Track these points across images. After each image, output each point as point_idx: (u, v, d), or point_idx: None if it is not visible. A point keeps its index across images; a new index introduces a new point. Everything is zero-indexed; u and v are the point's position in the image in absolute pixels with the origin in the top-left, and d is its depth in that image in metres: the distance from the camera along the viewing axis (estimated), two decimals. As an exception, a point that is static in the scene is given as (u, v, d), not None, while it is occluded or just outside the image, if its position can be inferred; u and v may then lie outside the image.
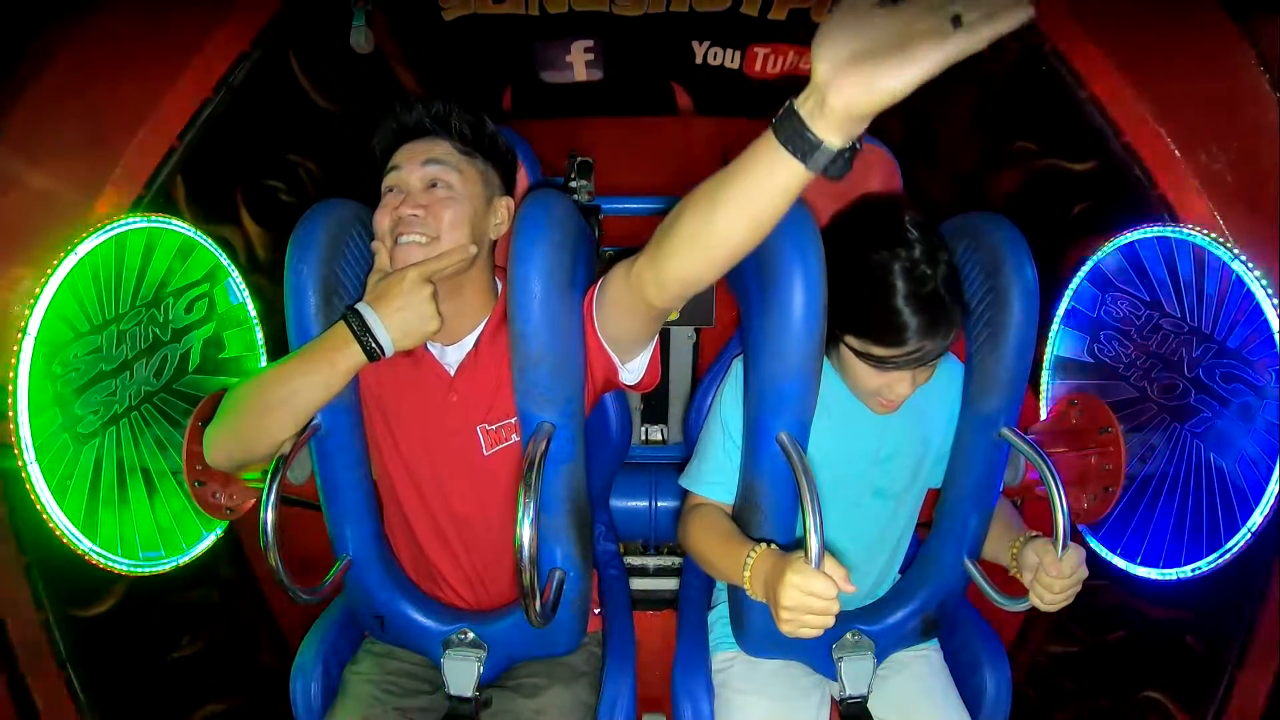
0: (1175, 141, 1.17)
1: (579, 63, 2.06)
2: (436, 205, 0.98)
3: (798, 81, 0.68)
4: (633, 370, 1.04)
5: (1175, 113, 1.19)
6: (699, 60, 2.07)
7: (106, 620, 1.12)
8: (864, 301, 0.95)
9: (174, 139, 1.19)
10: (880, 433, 1.09)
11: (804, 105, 0.65)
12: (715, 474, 1.12)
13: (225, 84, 1.25)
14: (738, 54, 2.04)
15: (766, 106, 0.70)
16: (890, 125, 1.27)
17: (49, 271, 0.98)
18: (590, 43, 2.02)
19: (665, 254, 0.82)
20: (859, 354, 0.98)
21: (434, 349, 1.07)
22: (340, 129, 1.12)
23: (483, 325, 1.07)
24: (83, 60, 1.19)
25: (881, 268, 0.94)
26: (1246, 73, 1.21)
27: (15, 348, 0.94)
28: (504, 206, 1.06)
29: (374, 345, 0.95)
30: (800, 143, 0.66)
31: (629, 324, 0.97)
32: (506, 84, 2.07)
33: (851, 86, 0.61)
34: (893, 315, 0.93)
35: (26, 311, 0.96)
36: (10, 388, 0.94)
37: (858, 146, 0.68)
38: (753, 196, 0.72)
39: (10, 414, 0.94)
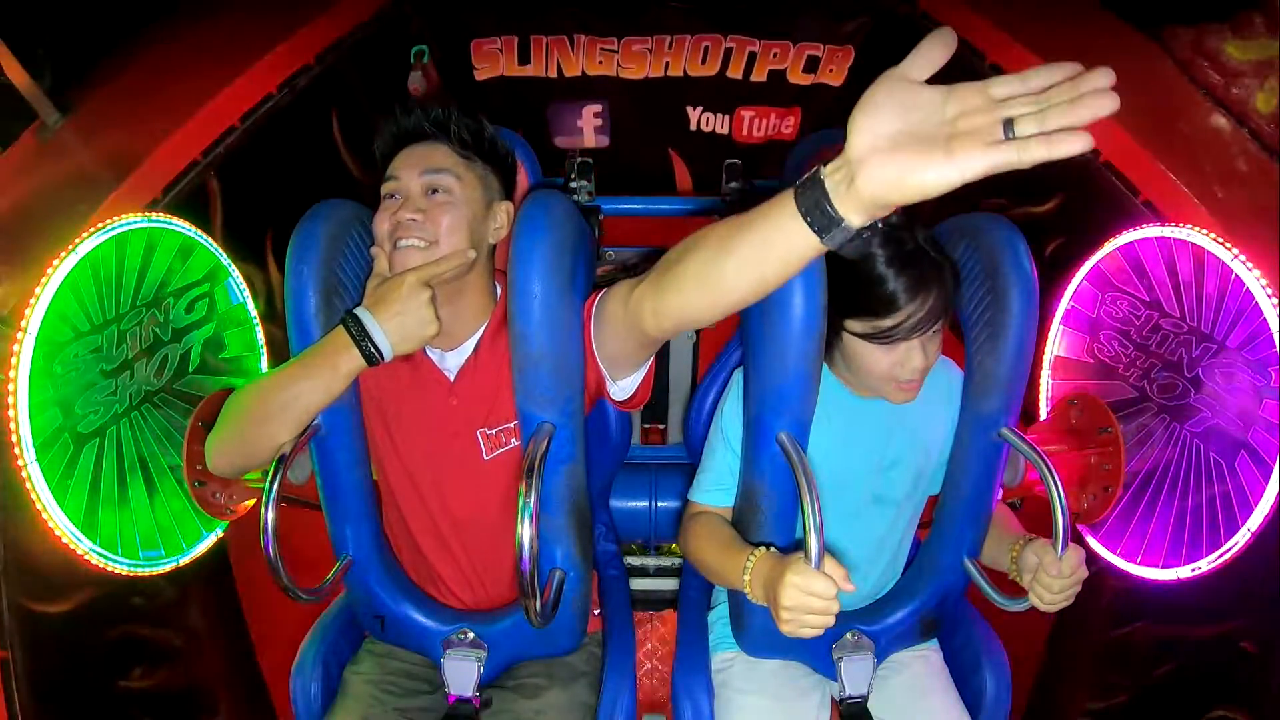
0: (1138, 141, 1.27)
1: (589, 128, 2.35)
2: (435, 210, 0.98)
3: (780, 146, 0.68)
4: (623, 388, 1.04)
5: (1131, 119, 1.27)
6: (693, 126, 2.37)
7: (60, 620, 1.09)
8: (852, 279, 0.96)
9: (235, 119, 1.36)
10: (883, 440, 1.09)
11: (831, 177, 0.62)
12: (716, 482, 1.12)
13: (289, 84, 1.46)
14: (727, 119, 2.34)
15: (755, 175, 0.70)
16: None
17: (50, 271, 0.98)
18: (599, 107, 2.32)
19: (667, 286, 0.81)
20: (862, 336, 0.98)
21: (433, 354, 1.06)
22: (368, 200, 1.21)
23: (482, 330, 1.07)
24: (159, 60, 1.44)
25: (863, 242, 0.96)
26: (1175, 77, 1.35)
27: (15, 347, 0.94)
28: (503, 211, 1.06)
29: (373, 350, 0.95)
30: (819, 216, 0.63)
31: (622, 346, 0.97)
32: None
33: (883, 174, 0.58)
34: (880, 282, 0.94)
35: (27, 311, 0.96)
36: (10, 387, 0.94)
37: (879, 225, 0.65)
38: (764, 256, 0.70)
39: (10, 414, 0.94)
